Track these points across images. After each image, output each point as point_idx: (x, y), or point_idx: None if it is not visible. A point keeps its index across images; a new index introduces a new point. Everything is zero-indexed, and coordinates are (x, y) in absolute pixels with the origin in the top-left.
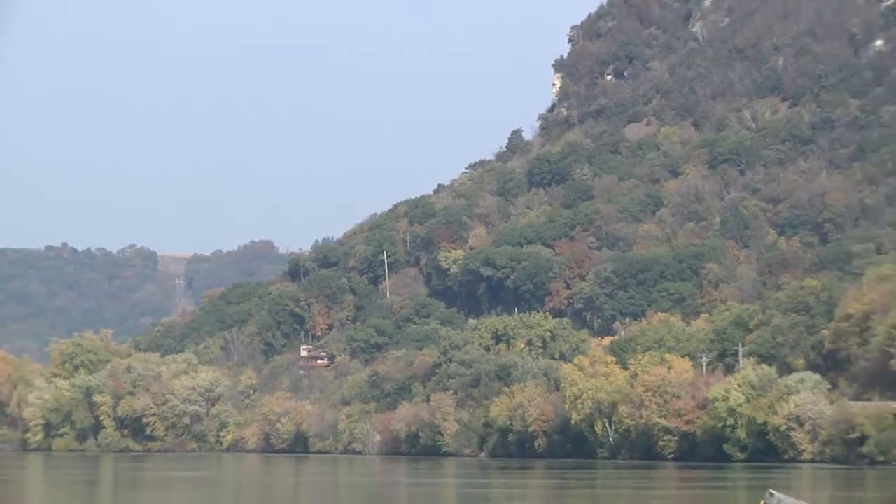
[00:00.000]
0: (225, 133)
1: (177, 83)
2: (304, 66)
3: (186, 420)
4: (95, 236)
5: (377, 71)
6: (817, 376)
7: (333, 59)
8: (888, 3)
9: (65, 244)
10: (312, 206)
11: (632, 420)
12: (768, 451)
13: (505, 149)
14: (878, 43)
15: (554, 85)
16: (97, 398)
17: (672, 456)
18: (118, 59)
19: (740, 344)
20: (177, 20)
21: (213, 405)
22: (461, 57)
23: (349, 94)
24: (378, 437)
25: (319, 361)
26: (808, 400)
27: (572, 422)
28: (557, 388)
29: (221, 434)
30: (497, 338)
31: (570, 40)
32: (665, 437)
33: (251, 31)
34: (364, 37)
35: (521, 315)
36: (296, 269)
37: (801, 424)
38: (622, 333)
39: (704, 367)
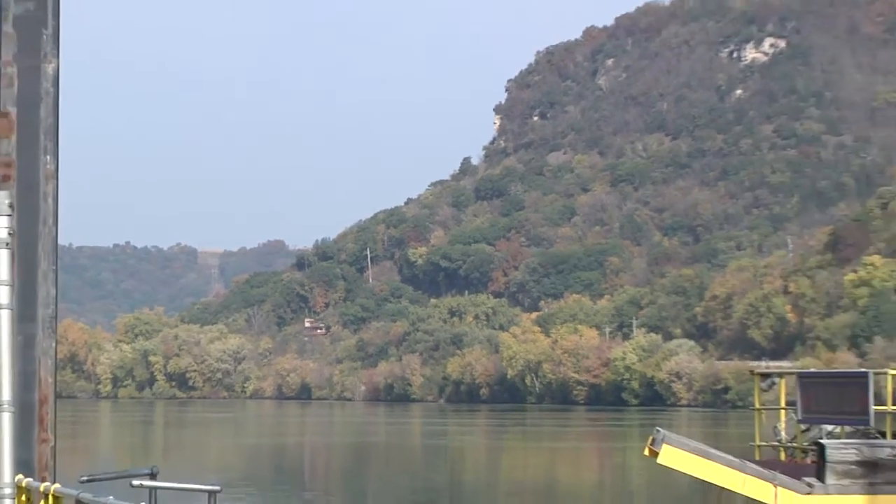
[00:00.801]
0: (249, 155)
1: (221, 122)
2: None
3: (219, 375)
4: (150, 236)
5: (358, 112)
6: (692, 342)
7: (333, 105)
8: (745, 62)
9: (128, 242)
10: (313, 214)
11: (552, 375)
12: (655, 398)
13: (458, 171)
14: (738, 92)
15: (494, 123)
16: (152, 358)
17: (583, 402)
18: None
19: (634, 318)
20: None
21: (238, 363)
22: (429, 103)
23: (339, 128)
24: (363, 388)
25: (319, 331)
26: (684, 360)
27: (508, 376)
28: (497, 351)
29: (245, 385)
30: (452, 313)
31: (506, 90)
32: (578, 388)
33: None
34: (348, 87)
35: (469, 296)
36: (301, 262)
37: (680, 378)
38: (545, 310)
39: (607, 335)
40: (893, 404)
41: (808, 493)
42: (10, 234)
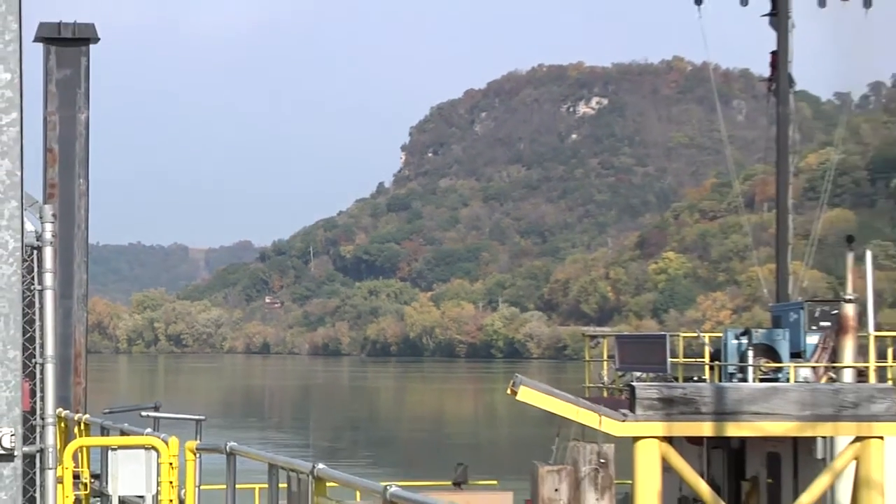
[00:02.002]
0: (228, 173)
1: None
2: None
3: (204, 336)
4: (155, 236)
5: (305, 144)
6: (540, 313)
7: (287, 136)
8: (578, 115)
9: (139, 241)
10: (272, 220)
11: (442, 336)
12: (514, 353)
13: (375, 191)
14: (573, 136)
15: (401, 158)
16: (156, 324)
17: (463, 356)
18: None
19: (500, 296)
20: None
21: (218, 328)
22: (357, 141)
23: (291, 154)
24: (307, 345)
25: (276, 305)
26: (535, 326)
27: (410, 337)
28: (402, 319)
29: (223, 343)
30: (370, 292)
31: (409, 134)
32: (459, 346)
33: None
34: (297, 123)
35: (383, 280)
36: (263, 256)
37: (532, 338)
38: (437, 290)
39: (480, 308)
40: (683, 358)
41: (624, 421)
42: (53, 235)
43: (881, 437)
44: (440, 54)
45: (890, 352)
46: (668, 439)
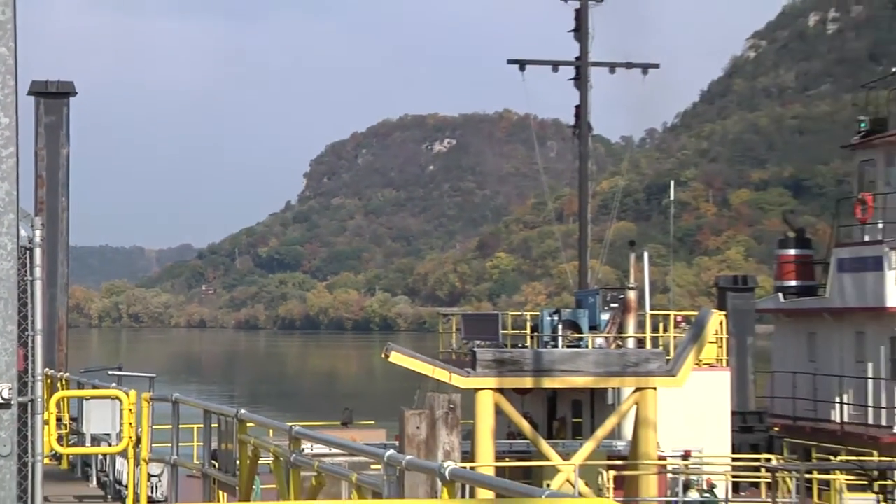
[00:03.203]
0: (176, 190)
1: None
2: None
3: (156, 314)
4: (119, 239)
5: (232, 161)
6: (407, 297)
7: (224, 159)
8: (434, 151)
9: (107, 244)
10: (208, 228)
11: (334, 314)
12: (388, 327)
13: (284, 207)
14: (431, 167)
15: (304, 182)
16: (120, 306)
17: (351, 329)
18: None
19: (377, 285)
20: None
21: (167, 309)
22: (272, 171)
23: (229, 176)
24: (233, 321)
25: (210, 292)
26: (403, 307)
27: (310, 315)
28: (305, 302)
29: (171, 321)
30: (280, 282)
31: (309, 165)
32: (347, 321)
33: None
34: (234, 150)
35: (290, 273)
36: (201, 255)
37: (401, 316)
38: (330, 281)
39: (362, 294)
40: (511, 330)
41: (467, 377)
42: (41, 240)
43: (654, 388)
44: (333, 106)
45: (661, 326)
46: (500, 390)
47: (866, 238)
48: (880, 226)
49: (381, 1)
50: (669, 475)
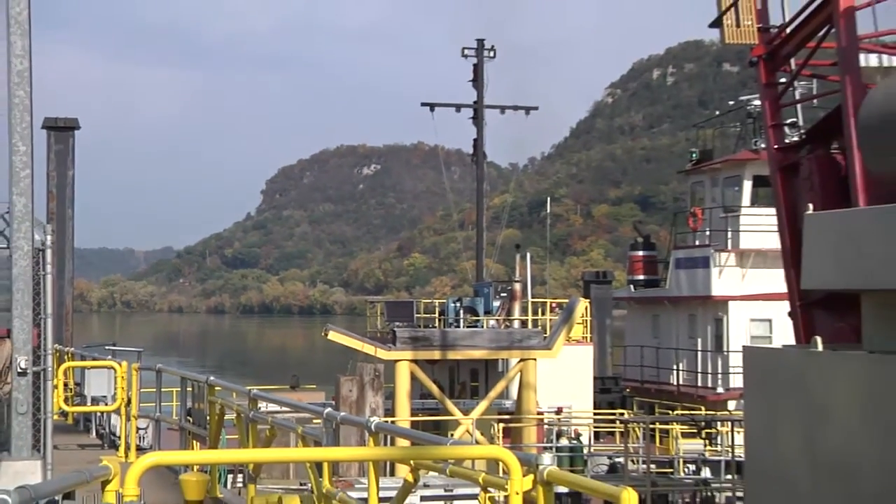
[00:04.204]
0: (160, 201)
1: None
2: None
3: (144, 301)
4: (113, 241)
5: (205, 181)
6: (342, 288)
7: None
8: (363, 175)
9: (105, 246)
10: (185, 233)
11: (285, 302)
12: (327, 312)
13: (244, 217)
14: (360, 186)
15: (261, 197)
16: (115, 295)
17: (298, 313)
18: None
19: (318, 279)
20: None
21: (152, 297)
22: (233, 187)
23: (198, 192)
24: (204, 308)
25: (187, 284)
26: (339, 296)
27: (266, 302)
28: (262, 292)
29: (156, 307)
30: (242, 276)
31: (266, 184)
32: (295, 307)
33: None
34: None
35: (249, 270)
36: (179, 255)
37: (337, 303)
38: (282, 275)
39: (307, 286)
40: (423, 314)
41: (389, 350)
42: (52, 242)
43: (535, 359)
44: (283, 138)
45: (540, 311)
46: (415, 361)
47: (697, 242)
48: (707, 233)
49: (325, 63)
50: (546, 426)
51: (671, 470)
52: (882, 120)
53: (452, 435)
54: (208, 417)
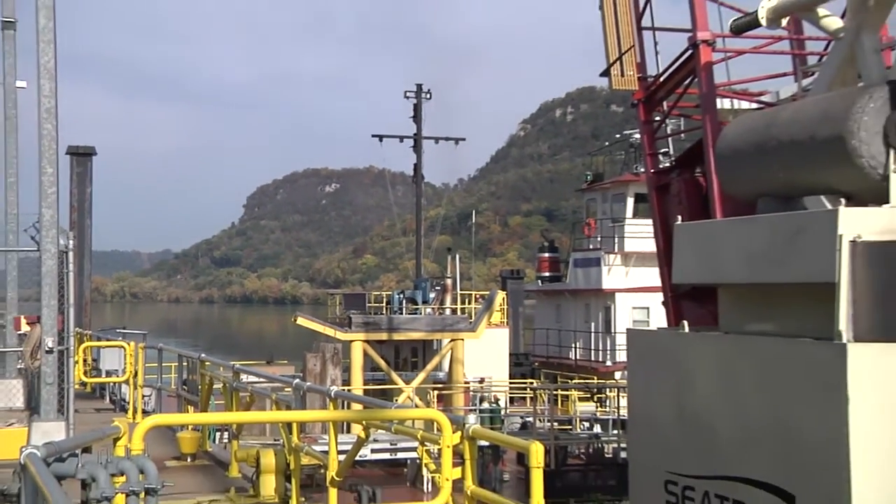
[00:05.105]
0: (164, 211)
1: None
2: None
3: (148, 293)
4: (123, 244)
5: (201, 198)
6: (308, 282)
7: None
8: (325, 192)
9: (116, 249)
10: (182, 238)
11: (262, 294)
12: (297, 302)
13: (229, 226)
14: (323, 201)
15: (243, 210)
16: (124, 288)
17: (272, 303)
18: None
19: (289, 275)
20: None
21: (155, 290)
22: (221, 202)
23: (195, 205)
24: (197, 298)
25: (184, 280)
26: (305, 289)
27: (247, 294)
28: (243, 286)
29: (160, 298)
30: (229, 272)
31: (247, 199)
32: (270, 299)
33: None
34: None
35: (234, 269)
36: (176, 256)
37: (305, 295)
38: (259, 273)
39: (279, 281)
40: (374, 304)
41: (346, 332)
42: (73, 246)
43: (462, 339)
44: (261, 161)
45: (466, 301)
46: (367, 341)
47: (591, 246)
48: (599, 239)
49: (294, 102)
50: (471, 393)
51: (570, 427)
52: (733, 151)
53: (397, 400)
54: (200, 387)
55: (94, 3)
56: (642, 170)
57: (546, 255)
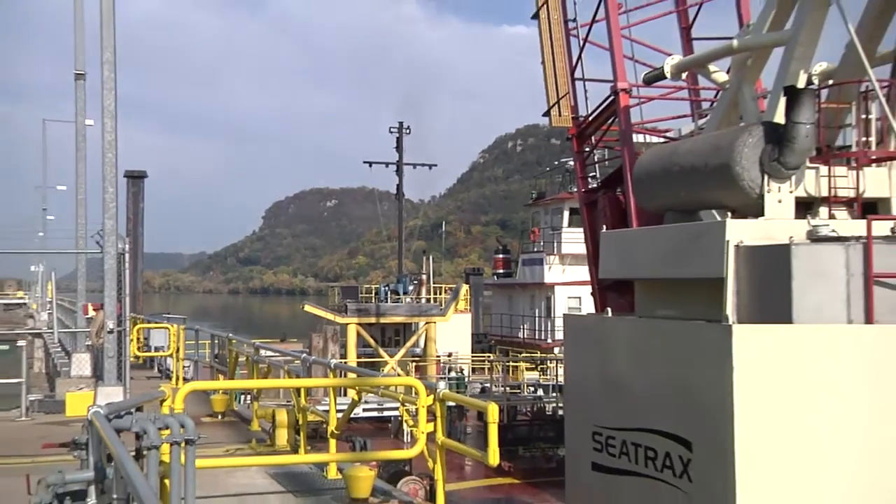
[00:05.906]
0: (178, 220)
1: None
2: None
3: (188, 286)
4: (169, 247)
5: (226, 214)
6: (314, 278)
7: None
8: (327, 207)
9: (163, 251)
10: (214, 243)
11: (279, 287)
12: (304, 293)
13: (251, 233)
14: (325, 214)
15: (261, 222)
16: (169, 282)
17: (284, 294)
18: None
19: (298, 273)
20: None
21: (193, 284)
22: (244, 217)
23: (222, 219)
24: (226, 290)
25: (216, 276)
26: (312, 283)
27: (265, 286)
28: (262, 280)
29: (195, 289)
30: (250, 271)
31: (265, 211)
32: (284, 290)
33: None
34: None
35: (257, 266)
36: (210, 257)
37: (311, 287)
38: (274, 270)
39: (291, 276)
40: (364, 295)
41: (344, 316)
42: (129, 249)
43: (435, 322)
44: (276, 182)
45: (438, 292)
46: (359, 324)
47: (535, 249)
48: (542, 244)
49: (303, 133)
50: (441, 365)
51: (519, 391)
52: (646, 175)
53: (383, 370)
54: (228, 360)
55: (156, 56)
56: (575, 189)
57: (500, 256)
